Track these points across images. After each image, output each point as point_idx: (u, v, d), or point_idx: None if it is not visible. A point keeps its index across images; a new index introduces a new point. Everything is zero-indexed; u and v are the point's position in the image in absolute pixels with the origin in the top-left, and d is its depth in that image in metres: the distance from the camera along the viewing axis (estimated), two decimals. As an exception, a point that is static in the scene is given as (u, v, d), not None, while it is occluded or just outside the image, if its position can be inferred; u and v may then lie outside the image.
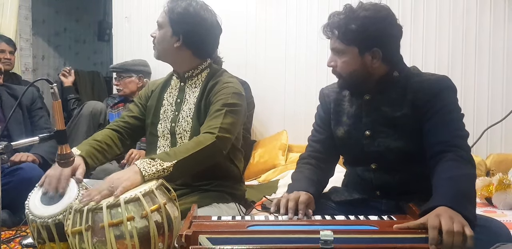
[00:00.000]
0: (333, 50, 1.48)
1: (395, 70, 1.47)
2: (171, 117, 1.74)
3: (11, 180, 2.11)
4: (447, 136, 1.36)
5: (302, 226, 1.23)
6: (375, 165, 1.48)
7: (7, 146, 1.27)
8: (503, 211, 2.36)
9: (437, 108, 1.40)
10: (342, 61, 1.45)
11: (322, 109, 1.63)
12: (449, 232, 1.08)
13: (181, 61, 1.74)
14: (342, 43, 1.43)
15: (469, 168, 1.31)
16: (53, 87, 1.30)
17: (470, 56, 3.16)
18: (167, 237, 1.30)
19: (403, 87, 1.45)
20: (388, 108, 1.46)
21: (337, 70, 1.48)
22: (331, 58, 1.49)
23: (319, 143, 1.61)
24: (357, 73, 1.44)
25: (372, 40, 1.41)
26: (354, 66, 1.44)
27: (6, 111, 2.46)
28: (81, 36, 6.26)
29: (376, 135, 1.47)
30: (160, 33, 1.71)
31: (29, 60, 4.46)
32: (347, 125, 1.53)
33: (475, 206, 1.27)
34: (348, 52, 1.43)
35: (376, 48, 1.42)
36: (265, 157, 3.27)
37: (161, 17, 1.71)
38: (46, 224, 1.36)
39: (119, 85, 3.18)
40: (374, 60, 1.43)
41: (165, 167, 1.42)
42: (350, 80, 1.46)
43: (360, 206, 1.50)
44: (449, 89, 1.44)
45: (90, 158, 1.58)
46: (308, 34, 3.45)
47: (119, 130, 1.77)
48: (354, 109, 1.52)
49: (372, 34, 1.40)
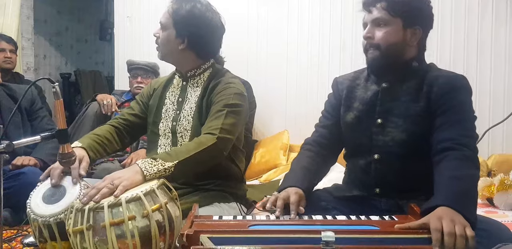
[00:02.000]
0: (374, 21, 1.46)
1: (417, 59, 1.49)
2: (173, 116, 1.75)
3: (14, 184, 2.10)
4: (456, 134, 1.35)
5: (304, 226, 1.23)
6: (378, 156, 1.47)
7: (9, 145, 1.27)
8: (504, 212, 2.36)
9: (450, 105, 1.39)
10: (384, 31, 1.45)
11: (334, 96, 1.62)
12: (451, 234, 1.08)
13: (184, 62, 1.74)
14: (388, 14, 1.44)
15: (473, 168, 1.30)
16: (55, 86, 1.30)
17: (472, 57, 3.16)
18: (168, 237, 1.30)
19: (421, 79, 1.46)
20: (405, 99, 1.46)
21: (374, 41, 1.46)
22: (369, 30, 1.48)
23: (326, 129, 1.60)
24: (395, 47, 1.45)
25: (416, 16, 1.45)
26: (395, 38, 1.44)
27: (4, 114, 2.38)
28: (83, 35, 6.27)
29: (386, 124, 1.47)
30: (164, 35, 1.69)
31: (30, 60, 4.47)
32: (359, 111, 1.52)
33: (476, 206, 1.27)
34: (392, 23, 1.44)
35: (418, 26, 1.45)
36: (266, 157, 3.27)
37: (165, 18, 1.69)
38: (48, 223, 1.37)
39: (142, 83, 3.16)
40: (413, 39, 1.46)
41: (166, 167, 1.42)
42: (386, 53, 1.45)
43: (360, 203, 1.49)
44: (465, 88, 1.44)
45: (92, 151, 1.60)
46: (309, 33, 3.45)
47: (118, 127, 1.78)
48: (369, 96, 1.52)
49: (418, 10, 1.45)
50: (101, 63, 6.61)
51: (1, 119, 2.38)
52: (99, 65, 6.56)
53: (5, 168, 2.17)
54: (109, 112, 2.95)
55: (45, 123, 2.53)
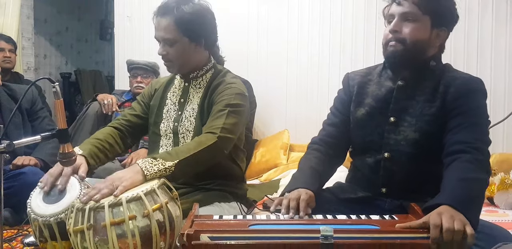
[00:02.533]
0: (403, 15, 1.42)
1: (434, 59, 1.47)
2: (174, 117, 1.75)
3: (14, 184, 2.11)
4: (470, 138, 1.33)
5: (303, 225, 1.23)
6: (388, 154, 1.45)
7: (9, 145, 1.27)
8: (505, 211, 2.35)
9: (466, 107, 1.38)
10: (413, 27, 1.42)
11: (344, 92, 1.60)
12: (450, 230, 1.08)
13: (198, 61, 1.73)
14: (418, 10, 1.41)
15: (483, 173, 1.29)
16: (55, 86, 1.30)
17: (472, 57, 3.16)
18: (169, 236, 1.30)
19: (437, 79, 1.45)
20: (421, 98, 1.44)
21: (401, 36, 1.43)
22: (397, 24, 1.43)
23: (334, 127, 1.58)
24: (420, 45, 1.42)
25: (445, 17, 1.43)
26: (422, 35, 1.42)
27: (5, 114, 2.37)
28: (83, 35, 6.27)
29: (399, 123, 1.45)
30: (178, 48, 1.65)
31: (31, 59, 4.47)
32: (371, 107, 1.50)
33: (480, 211, 1.25)
34: (421, 20, 1.42)
35: (444, 27, 1.44)
36: (267, 156, 3.27)
37: (169, 33, 1.63)
38: (48, 223, 1.37)
39: (142, 83, 3.15)
40: (437, 40, 1.45)
41: (167, 167, 1.42)
42: (412, 49, 1.42)
43: (364, 204, 1.47)
44: (482, 92, 1.43)
45: (92, 159, 1.58)
46: (310, 33, 3.45)
47: (120, 128, 1.77)
48: (383, 92, 1.50)
49: (447, 11, 1.44)
50: (101, 63, 6.61)
51: (1, 119, 2.37)
52: (99, 65, 6.56)
53: (5, 167, 2.17)
54: (109, 111, 2.95)
55: (46, 124, 2.52)
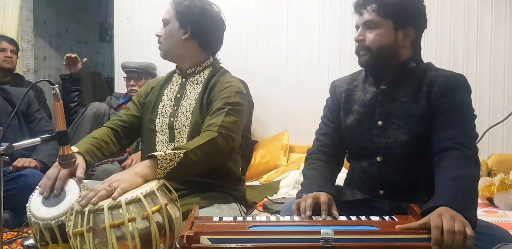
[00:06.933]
0: (365, 23, 1.46)
1: (413, 60, 1.48)
2: (170, 112, 1.75)
3: (14, 186, 2.11)
4: (456, 134, 1.35)
5: (304, 226, 1.23)
6: (381, 158, 1.46)
7: (9, 147, 1.27)
8: (505, 212, 2.36)
9: (450, 104, 1.39)
10: (375, 33, 1.44)
11: (332, 100, 1.61)
12: (450, 231, 1.08)
13: (188, 55, 1.75)
14: (378, 16, 1.43)
15: (473, 168, 1.30)
16: (55, 88, 1.30)
17: (471, 56, 3.16)
18: (169, 238, 1.30)
19: (420, 80, 1.45)
20: (405, 100, 1.45)
21: (366, 43, 1.46)
22: (360, 33, 1.48)
23: (326, 137, 1.59)
24: (387, 50, 1.44)
25: (408, 17, 1.44)
26: (387, 40, 1.44)
27: (1, 117, 2.35)
28: (83, 37, 6.27)
29: (388, 126, 1.46)
30: (167, 29, 1.74)
31: (30, 61, 4.47)
32: (359, 114, 1.52)
33: (476, 206, 1.27)
34: (383, 25, 1.44)
35: (410, 26, 1.44)
36: (267, 157, 3.27)
37: (168, 14, 1.74)
38: (49, 226, 1.36)
39: (135, 86, 3.17)
40: (405, 40, 1.45)
41: (176, 152, 1.45)
42: (378, 55, 1.44)
43: (363, 206, 1.48)
44: (465, 87, 1.44)
45: (89, 155, 1.59)
46: (309, 34, 3.46)
47: (116, 129, 1.77)
48: (368, 98, 1.51)
49: (409, 10, 1.44)
50: (101, 65, 6.60)
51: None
52: (99, 67, 6.55)
53: (5, 169, 2.17)
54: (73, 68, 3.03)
55: (43, 125, 2.53)
